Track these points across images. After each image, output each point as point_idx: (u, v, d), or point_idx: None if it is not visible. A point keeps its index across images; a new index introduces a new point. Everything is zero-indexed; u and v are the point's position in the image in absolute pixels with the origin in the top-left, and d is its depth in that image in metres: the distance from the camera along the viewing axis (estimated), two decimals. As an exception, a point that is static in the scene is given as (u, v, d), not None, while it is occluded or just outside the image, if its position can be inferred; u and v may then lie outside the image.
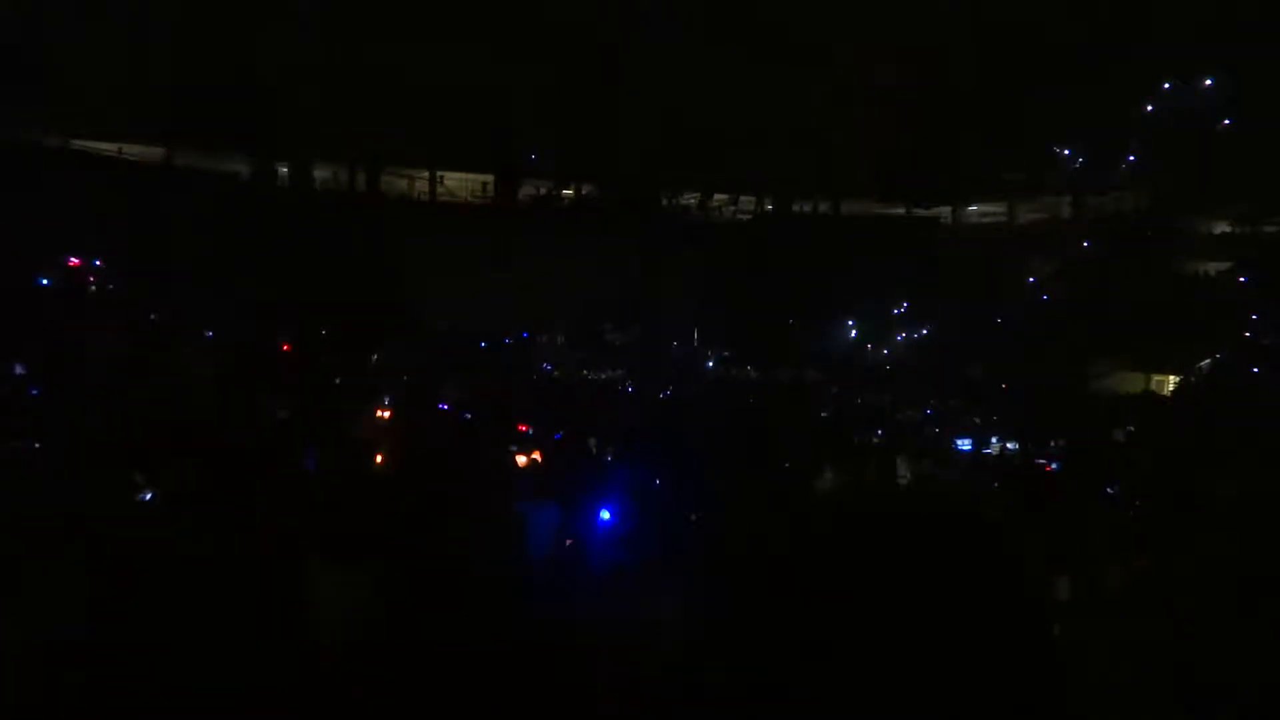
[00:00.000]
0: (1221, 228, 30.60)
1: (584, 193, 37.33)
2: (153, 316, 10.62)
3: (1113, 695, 5.75)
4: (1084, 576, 7.62)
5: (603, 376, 30.04)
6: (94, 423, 6.28)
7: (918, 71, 30.75)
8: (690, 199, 38.72)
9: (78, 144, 29.00)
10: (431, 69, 30.59)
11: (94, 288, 11.52)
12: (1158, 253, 30.30)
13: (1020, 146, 33.49)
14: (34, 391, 6.72)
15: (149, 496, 5.58)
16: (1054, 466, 16.00)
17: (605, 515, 5.85)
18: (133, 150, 30.16)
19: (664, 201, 37.70)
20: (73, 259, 12.31)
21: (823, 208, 39.56)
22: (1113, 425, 20.32)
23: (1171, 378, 26.10)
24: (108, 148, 29.58)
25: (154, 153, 30.84)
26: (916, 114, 31.57)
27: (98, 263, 15.03)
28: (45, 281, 11.04)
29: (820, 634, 4.36)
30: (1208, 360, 25.03)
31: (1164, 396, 25.49)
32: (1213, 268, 29.39)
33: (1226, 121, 29.34)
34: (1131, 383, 26.50)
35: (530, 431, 13.54)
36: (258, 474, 6.10)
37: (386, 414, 9.59)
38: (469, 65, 30.34)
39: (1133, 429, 19.81)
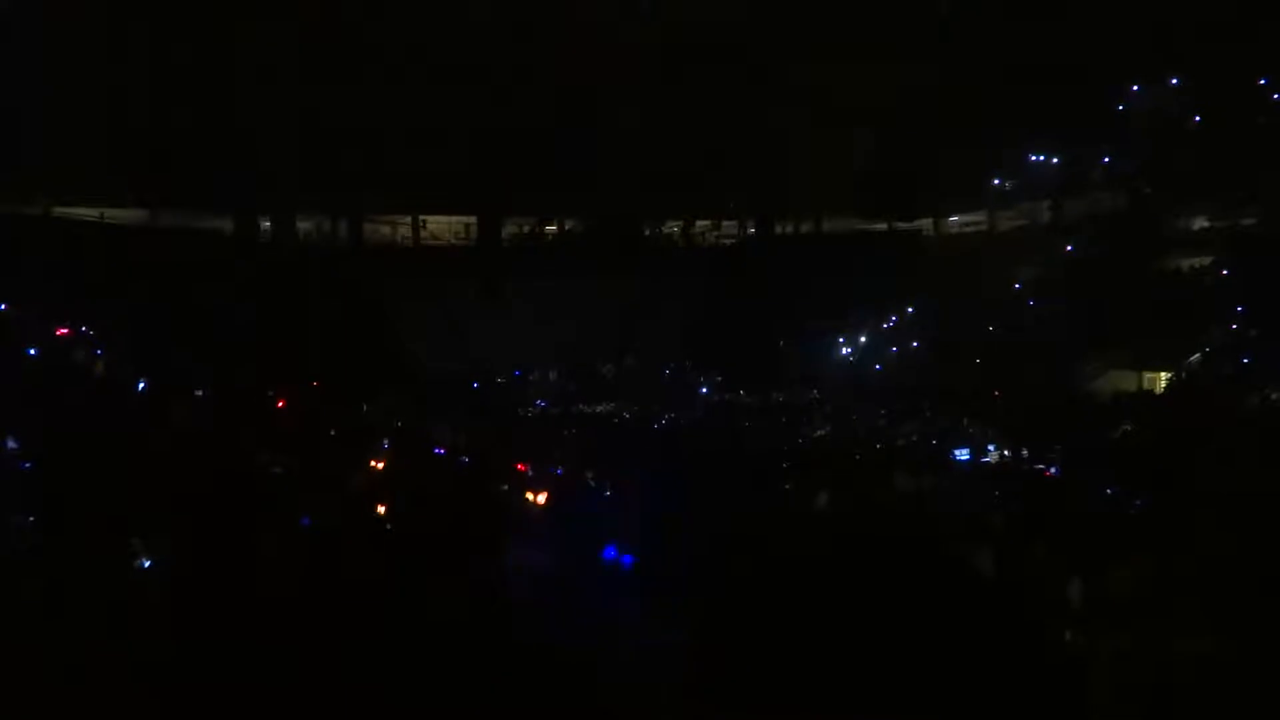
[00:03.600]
0: (1200, 223, 30.80)
1: (567, 228, 37.48)
2: (142, 384, 10.53)
3: (1125, 696, 5.72)
4: (1091, 581, 7.60)
5: (597, 410, 29.98)
6: (88, 493, 6.24)
7: (890, 87, 31.05)
8: (673, 227, 38.90)
9: (60, 211, 29.00)
10: (407, 113, 30.76)
11: (82, 356, 11.46)
12: (1140, 250, 30.47)
13: (997, 155, 33.80)
14: (25, 465, 6.66)
15: (147, 564, 5.54)
16: (1053, 471, 15.98)
17: (611, 554, 5.81)
18: (115, 214, 30.16)
19: (647, 231, 37.86)
20: (61, 328, 12.25)
21: (805, 228, 39.80)
22: (1108, 426, 20.33)
23: (1163, 374, 26.13)
24: (89, 213, 29.57)
25: (136, 215, 30.87)
26: (892, 129, 31.84)
27: (85, 329, 14.98)
28: (32, 352, 10.96)
29: (822, 654, 4.32)
30: (1197, 355, 25.08)
31: (1157, 394, 25.51)
32: (1195, 262, 29.57)
33: (1196, 119, 29.68)
34: (1124, 381, 26.53)
35: (529, 471, 13.49)
36: (255, 533, 6.06)
37: (381, 464, 9.53)
38: (445, 109, 30.51)
39: (1129, 428, 19.81)
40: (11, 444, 6.75)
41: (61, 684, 4.20)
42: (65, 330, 12.94)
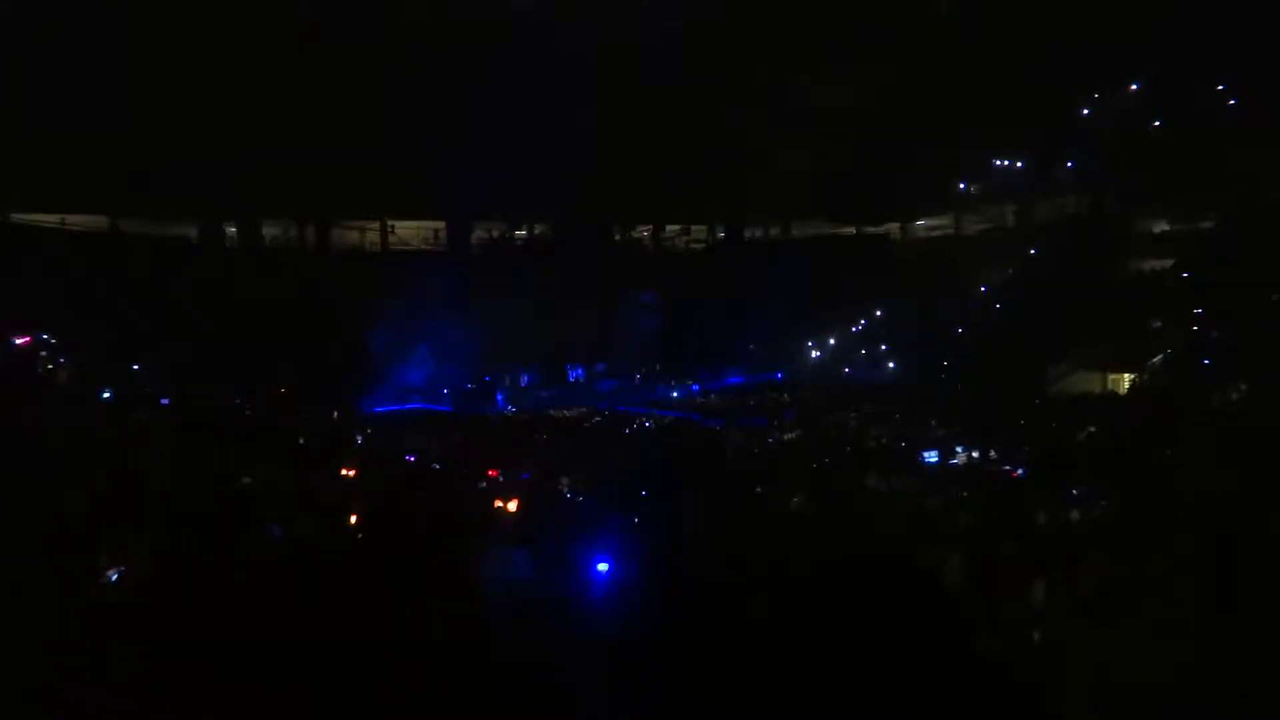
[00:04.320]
0: (1161, 226, 31.32)
1: (536, 233, 37.42)
2: (106, 394, 10.39)
3: (1094, 695, 5.81)
4: (1058, 580, 7.70)
5: (567, 414, 29.96)
6: (54, 505, 6.15)
7: (857, 93, 31.25)
8: (643, 232, 39.01)
9: (18, 217, 28.49)
10: (375, 117, 30.53)
11: (45, 365, 11.22)
12: (1103, 253, 30.92)
13: (963, 160, 34.18)
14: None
15: (115, 577, 5.47)
16: (1019, 472, 16.13)
17: (595, 564, 5.81)
18: (76, 220, 29.69)
19: (617, 236, 37.90)
20: (21, 337, 11.99)
21: (774, 232, 40.06)
22: (1074, 427, 20.57)
23: (1126, 376, 26.49)
24: (50, 219, 29.09)
25: (98, 221, 30.40)
26: (860, 134, 32.02)
27: (46, 337, 14.72)
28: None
29: (796, 654, 4.36)
30: (1159, 356, 25.45)
31: (1121, 395, 25.86)
32: (1156, 265, 30.05)
33: (1157, 123, 30.19)
34: (1089, 383, 26.86)
35: (501, 476, 13.47)
36: (223, 546, 6.01)
37: (352, 472, 9.44)
38: (414, 113, 30.32)
39: (1094, 429, 20.05)
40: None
41: (31, 697, 4.14)
42: (27, 339, 12.71)
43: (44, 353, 12.17)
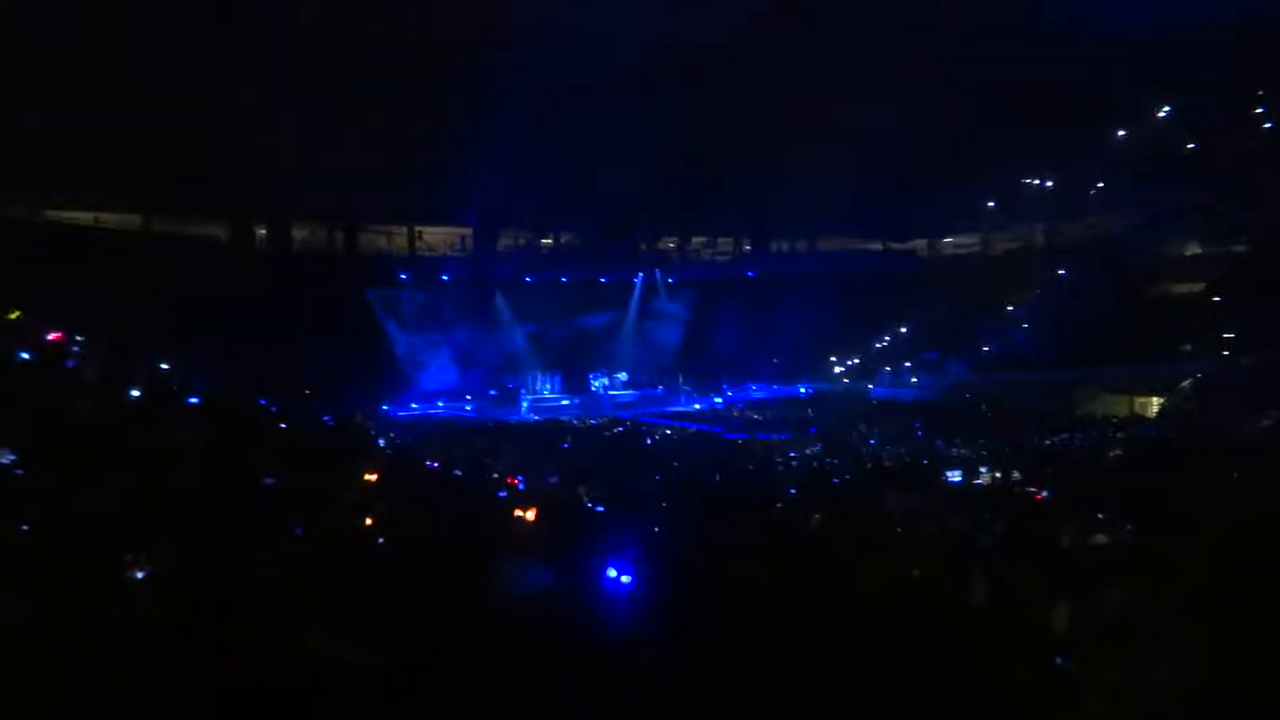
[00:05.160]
0: (1193, 249, 31.03)
1: (562, 241, 37.59)
2: (135, 392, 10.50)
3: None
4: (1081, 605, 7.61)
5: (591, 423, 30.02)
6: (82, 503, 6.22)
7: (890, 112, 31.17)
8: (669, 243, 39.12)
9: (53, 214, 28.92)
10: (407, 122, 30.76)
11: (74, 362, 11.36)
12: (1132, 275, 30.69)
13: (993, 179, 34.04)
14: (18, 473, 6.64)
15: (141, 575, 5.52)
16: (1044, 494, 15.99)
17: (611, 573, 5.79)
18: (109, 219, 30.11)
19: (643, 246, 38.02)
20: (53, 334, 12.15)
21: (800, 246, 40.08)
22: (1101, 449, 20.40)
23: (1154, 399, 26.26)
24: (84, 216, 29.51)
25: (131, 220, 30.82)
26: (889, 151, 31.93)
27: (78, 335, 14.90)
28: (25, 356, 10.88)
29: (814, 675, 4.32)
30: (1188, 380, 25.21)
31: (1148, 418, 25.63)
32: (1188, 288, 29.78)
33: (1190, 144, 29.96)
34: (1115, 406, 26.64)
35: (521, 484, 13.51)
36: (248, 545, 6.06)
37: (374, 476, 9.50)
38: (445, 119, 30.53)
39: (1120, 452, 19.87)
40: (8, 457, 6.72)
41: (55, 696, 4.19)
42: (58, 335, 12.86)
43: (74, 349, 12.31)
